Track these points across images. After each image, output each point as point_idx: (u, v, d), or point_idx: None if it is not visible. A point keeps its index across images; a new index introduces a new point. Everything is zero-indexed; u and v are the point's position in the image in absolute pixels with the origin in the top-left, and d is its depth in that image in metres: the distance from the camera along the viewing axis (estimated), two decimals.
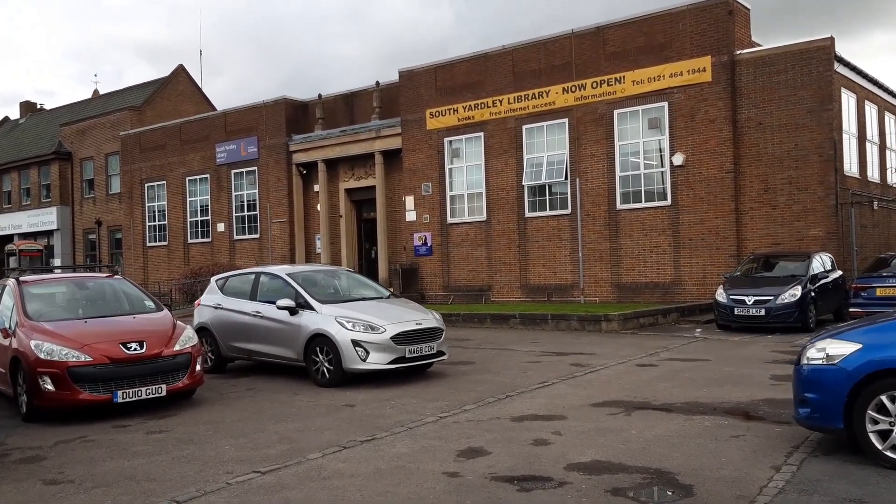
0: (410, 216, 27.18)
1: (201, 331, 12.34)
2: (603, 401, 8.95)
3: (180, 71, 41.05)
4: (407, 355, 10.31)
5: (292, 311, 10.79)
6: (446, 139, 26.27)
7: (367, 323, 10.28)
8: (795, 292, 15.33)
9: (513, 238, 24.68)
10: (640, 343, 14.49)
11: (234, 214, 32.93)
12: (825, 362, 6.22)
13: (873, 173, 23.69)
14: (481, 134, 25.43)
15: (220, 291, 12.36)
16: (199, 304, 12.68)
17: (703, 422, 7.77)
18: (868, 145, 23.29)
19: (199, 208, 34.47)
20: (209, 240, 33.86)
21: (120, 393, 8.97)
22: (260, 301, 11.48)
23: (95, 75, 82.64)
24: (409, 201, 27.20)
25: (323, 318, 10.49)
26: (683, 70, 21.53)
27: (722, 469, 6.12)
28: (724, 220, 21.03)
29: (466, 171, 25.92)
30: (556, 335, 16.24)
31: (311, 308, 10.70)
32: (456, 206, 26.19)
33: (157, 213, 36.29)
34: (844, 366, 6.08)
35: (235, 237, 32.89)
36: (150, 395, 9.15)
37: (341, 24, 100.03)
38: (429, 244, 26.62)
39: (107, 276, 11.34)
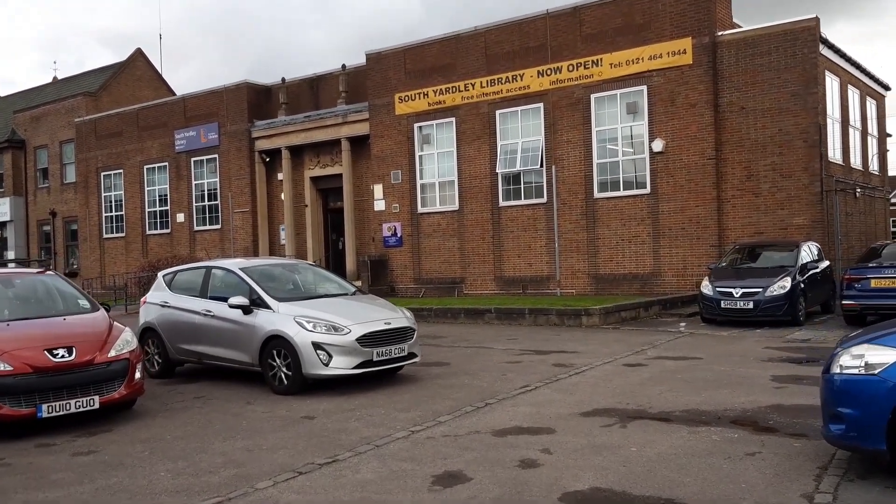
0: (379, 205, 26.08)
1: (147, 331, 11.19)
2: (593, 408, 8.01)
3: (138, 55, 39.36)
4: (374, 359, 9.27)
5: (246, 310, 9.69)
6: (416, 125, 25.19)
7: (329, 323, 9.22)
8: (785, 284, 14.55)
9: (486, 228, 23.71)
10: (624, 339, 13.61)
11: (195, 204, 31.55)
12: (864, 372, 5.31)
13: (856, 160, 23.08)
14: (453, 119, 24.39)
15: (168, 288, 11.20)
16: (144, 302, 11.50)
17: (710, 435, 6.86)
18: (851, 131, 22.66)
19: (157, 198, 33.02)
20: (168, 231, 32.45)
21: (45, 407, 7.82)
22: (211, 298, 10.35)
23: (55, 63, 79.97)
24: (378, 190, 26.09)
25: (280, 318, 9.40)
26: (663, 52, 20.67)
27: (745, 500, 5.19)
28: (705, 209, 20.25)
29: (437, 158, 24.87)
30: (535, 331, 15.31)
31: (267, 306, 9.60)
32: (427, 194, 25.15)
33: (113, 203, 34.73)
34: (888, 377, 5.17)
35: (196, 228, 31.52)
36: (81, 409, 8.01)
37: (309, 14, 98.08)
38: (398, 235, 25.55)
39: (38, 272, 10.13)
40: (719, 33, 20.12)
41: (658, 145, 20.68)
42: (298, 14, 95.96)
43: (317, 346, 9.06)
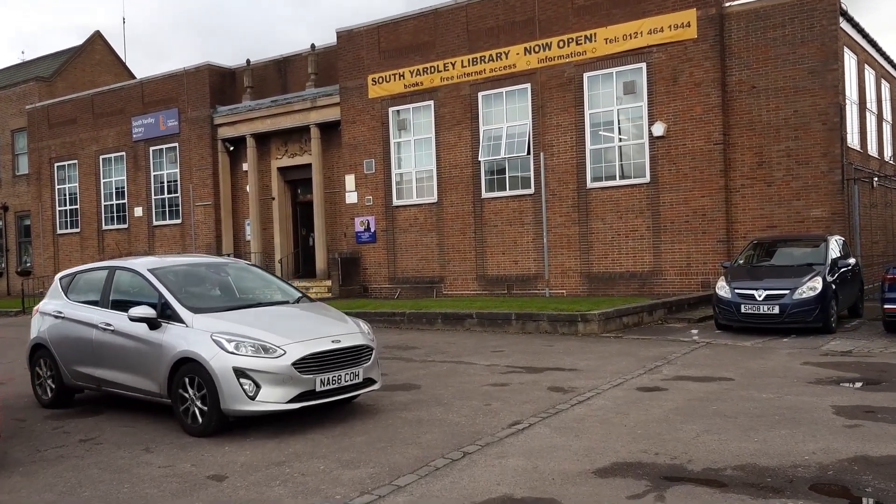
0: (351, 198, 23.81)
1: (38, 349, 8.87)
2: (611, 462, 5.84)
3: (97, 39, 36.76)
4: (318, 388, 7.02)
5: (152, 324, 7.41)
6: (391, 109, 22.94)
7: (258, 342, 6.98)
8: (816, 285, 12.44)
9: (468, 222, 21.52)
10: (630, 351, 11.46)
11: (153, 197, 29.12)
12: None
13: (872, 147, 21.08)
14: (431, 102, 22.16)
15: (65, 294, 8.88)
16: (37, 312, 9.19)
17: None
18: (868, 115, 20.66)
19: (114, 190, 30.55)
20: (126, 226, 30.00)
21: None
22: (113, 308, 8.06)
23: (23, 52, 76.48)
24: (350, 181, 23.82)
25: (194, 335, 7.13)
26: (664, 25, 18.55)
27: None
28: (711, 200, 18.17)
29: (414, 145, 22.64)
30: (524, 340, 13.14)
31: (180, 319, 7.33)
32: (403, 185, 22.91)
33: (68, 197, 32.21)
34: None
35: (155, 223, 29.10)
36: None
37: (292, 10, 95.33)
38: (372, 230, 23.31)
39: None
40: (727, 4, 18.06)
41: (659, 129, 18.57)
42: (279, 10, 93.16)
43: (240, 372, 6.82)
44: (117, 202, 30.37)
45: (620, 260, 19.40)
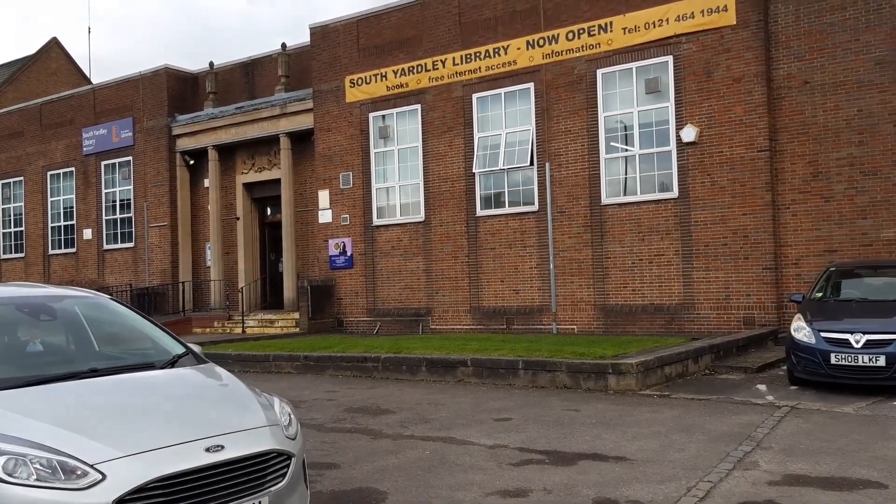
0: (325, 216, 20.53)
1: None
2: None
3: (53, 46, 33.61)
4: None
5: None
6: (372, 114, 19.77)
7: (54, 456, 3.62)
8: None
9: (460, 245, 18.25)
10: (692, 422, 8.14)
11: (104, 217, 25.77)
12: None
13: None
14: (418, 107, 19.02)
15: None
16: None
17: None
18: None
19: (62, 210, 27.19)
20: (74, 250, 26.60)
21: None
22: None
23: None
24: (324, 197, 20.56)
25: None
26: (695, 10, 15.51)
27: None
28: (754, 218, 14.99)
29: (398, 155, 19.44)
30: (536, 399, 9.80)
31: None
32: (384, 202, 19.67)
33: (13, 218, 28.80)
34: None
35: (105, 246, 25.71)
36: None
37: (281, 23, 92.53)
38: (348, 253, 20.00)
39: None
40: None
41: (689, 134, 15.45)
42: (267, 25, 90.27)
43: None
44: (65, 223, 27.00)
45: (643, 290, 16.15)
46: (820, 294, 10.85)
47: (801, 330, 9.87)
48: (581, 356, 11.01)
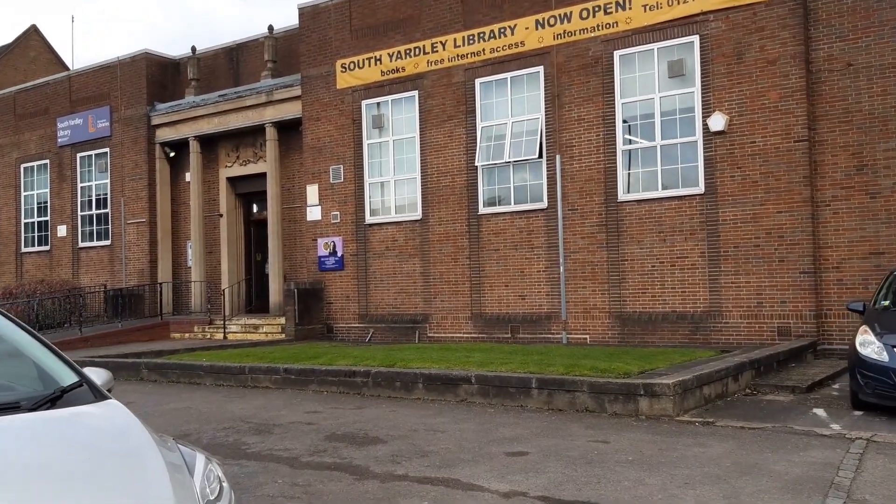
0: (314, 214, 18.91)
1: None
2: None
3: (32, 34, 31.95)
4: None
5: None
6: (365, 102, 18.17)
7: None
8: None
9: (461, 245, 16.65)
10: (752, 461, 6.54)
11: (80, 213, 24.12)
12: None
13: None
14: (415, 93, 17.43)
15: None
16: None
17: None
18: None
19: (36, 206, 25.53)
20: (48, 248, 24.93)
21: None
22: None
23: None
24: (312, 192, 18.94)
25: None
26: None
27: None
28: (791, 217, 13.41)
29: (394, 147, 17.83)
30: (554, 425, 8.18)
31: None
32: (378, 198, 18.06)
33: None
34: None
35: (80, 244, 24.06)
36: None
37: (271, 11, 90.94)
38: (339, 254, 18.37)
39: None
40: None
41: (717, 123, 13.86)
42: (258, 10, 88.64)
43: None
44: (39, 219, 25.34)
45: (664, 296, 14.56)
46: (887, 302, 9.25)
47: (868, 345, 8.27)
48: (603, 373, 9.40)
